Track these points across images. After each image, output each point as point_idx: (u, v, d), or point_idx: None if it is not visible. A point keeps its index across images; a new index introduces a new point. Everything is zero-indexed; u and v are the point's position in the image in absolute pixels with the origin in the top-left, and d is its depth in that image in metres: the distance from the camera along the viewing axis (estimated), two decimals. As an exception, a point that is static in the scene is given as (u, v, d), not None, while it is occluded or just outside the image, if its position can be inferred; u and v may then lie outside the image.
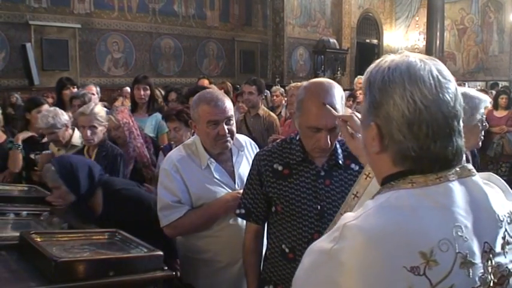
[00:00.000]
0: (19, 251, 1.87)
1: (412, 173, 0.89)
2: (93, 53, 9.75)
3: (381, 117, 0.90)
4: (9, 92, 7.79)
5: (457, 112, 0.89)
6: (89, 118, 3.04)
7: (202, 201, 2.09)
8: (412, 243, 0.82)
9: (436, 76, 0.88)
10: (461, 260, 0.83)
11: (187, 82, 10.03)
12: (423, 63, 0.89)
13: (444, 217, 0.85)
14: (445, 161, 0.88)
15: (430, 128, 0.86)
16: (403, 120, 0.87)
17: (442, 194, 0.87)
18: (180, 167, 2.09)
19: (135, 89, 4.22)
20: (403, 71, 0.88)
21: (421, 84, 0.86)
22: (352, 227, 0.85)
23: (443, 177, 0.88)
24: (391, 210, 0.86)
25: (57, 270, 1.60)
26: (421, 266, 0.81)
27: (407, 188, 0.88)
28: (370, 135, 0.92)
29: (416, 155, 0.87)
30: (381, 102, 0.90)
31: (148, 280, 1.80)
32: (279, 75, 12.82)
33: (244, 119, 4.42)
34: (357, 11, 15.78)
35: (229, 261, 2.13)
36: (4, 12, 8.48)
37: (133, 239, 2.02)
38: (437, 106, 0.86)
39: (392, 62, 0.91)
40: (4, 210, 2.46)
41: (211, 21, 11.92)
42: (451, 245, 0.83)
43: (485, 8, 15.64)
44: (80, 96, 4.08)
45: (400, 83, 0.87)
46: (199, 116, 2.06)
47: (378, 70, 0.92)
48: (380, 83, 0.90)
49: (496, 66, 15.49)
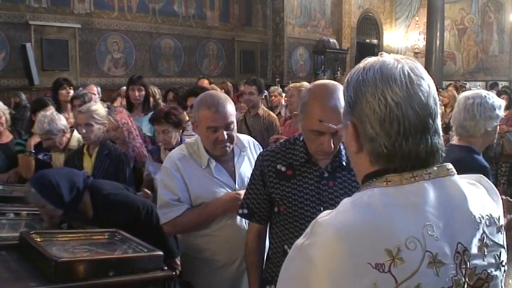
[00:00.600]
0: (19, 251, 1.87)
1: (387, 172, 0.89)
2: (93, 53, 9.75)
3: (356, 116, 0.91)
4: (9, 92, 7.79)
5: (431, 110, 0.88)
6: (85, 116, 3.02)
7: (201, 200, 2.09)
8: (378, 240, 0.81)
9: (407, 74, 0.88)
10: (429, 260, 0.83)
11: (187, 82, 10.03)
12: (397, 62, 0.90)
13: (414, 216, 0.84)
14: (417, 159, 0.88)
15: (401, 125, 0.86)
16: (374, 117, 0.88)
17: (415, 193, 0.86)
18: (180, 165, 2.09)
19: (129, 89, 4.22)
20: (376, 70, 0.90)
21: (391, 81, 0.87)
22: (322, 223, 0.86)
23: (418, 177, 0.88)
24: (362, 207, 0.86)
25: (57, 270, 1.60)
26: (386, 263, 0.80)
27: (382, 187, 0.88)
28: (349, 134, 0.93)
29: (388, 152, 0.88)
30: (355, 102, 0.91)
31: (148, 280, 1.80)
32: (279, 75, 12.83)
33: (244, 118, 4.42)
34: (357, 11, 15.78)
35: (227, 260, 2.14)
36: (4, 12, 8.48)
37: (133, 239, 2.02)
38: (409, 103, 0.86)
39: (368, 63, 0.93)
40: (4, 210, 2.46)
41: (211, 21, 11.92)
42: (419, 244, 0.82)
43: (485, 8, 15.64)
44: (80, 96, 4.07)
45: (372, 81, 0.89)
46: (199, 119, 2.06)
47: (355, 71, 0.94)
48: (355, 82, 0.92)
49: (496, 66, 15.49)
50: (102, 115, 3.10)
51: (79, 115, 3.08)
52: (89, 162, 3.02)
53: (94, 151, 3.04)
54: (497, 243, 0.92)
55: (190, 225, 2.12)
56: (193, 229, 2.14)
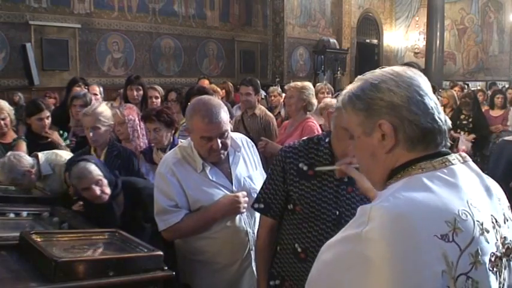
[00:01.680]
0: (19, 251, 1.86)
1: (419, 161, 0.99)
2: (93, 53, 9.74)
3: (386, 111, 1.00)
4: (9, 92, 7.78)
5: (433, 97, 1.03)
6: (92, 119, 2.95)
7: (199, 204, 2.08)
8: (437, 214, 0.89)
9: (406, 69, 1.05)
10: (479, 228, 0.92)
11: (187, 82, 10.03)
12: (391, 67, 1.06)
13: (457, 193, 0.94)
14: (441, 135, 1.01)
15: (427, 104, 1.00)
16: (409, 102, 0.99)
17: (450, 174, 0.97)
18: (176, 170, 2.07)
19: (128, 89, 4.22)
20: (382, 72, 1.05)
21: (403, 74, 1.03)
22: (379, 208, 0.91)
23: (447, 162, 0.99)
24: (410, 190, 0.93)
25: (57, 270, 1.60)
26: (449, 233, 0.89)
27: (418, 174, 0.97)
28: (377, 137, 1.01)
29: (431, 126, 0.99)
30: (379, 100, 1.01)
31: (148, 280, 1.80)
32: (279, 75, 12.82)
33: (241, 119, 4.41)
34: (357, 11, 15.77)
35: (227, 262, 2.13)
36: (4, 12, 8.47)
37: (133, 239, 2.02)
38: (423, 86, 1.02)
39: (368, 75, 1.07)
40: (4, 210, 2.46)
41: (211, 21, 11.92)
42: (469, 214, 0.92)
43: (485, 8, 15.63)
44: (82, 96, 4.00)
45: (388, 78, 1.02)
46: (192, 127, 2.04)
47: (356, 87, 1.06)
48: (370, 87, 1.03)
49: (496, 66, 15.48)
50: (108, 117, 3.04)
51: (85, 118, 3.00)
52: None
53: (102, 152, 2.98)
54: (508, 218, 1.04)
55: (190, 231, 2.10)
56: (193, 234, 2.12)
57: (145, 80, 4.59)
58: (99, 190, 2.36)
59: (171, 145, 3.03)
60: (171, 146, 3.02)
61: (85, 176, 2.35)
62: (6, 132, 3.57)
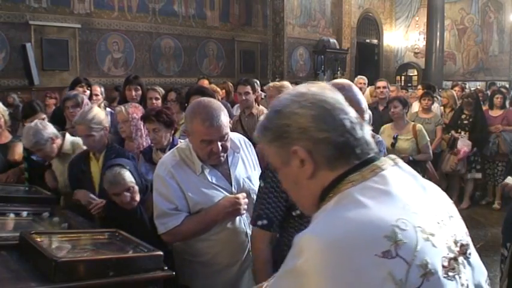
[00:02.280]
0: (19, 251, 1.86)
1: (346, 174, 0.94)
2: (93, 53, 9.74)
3: (297, 138, 0.95)
4: (9, 92, 7.77)
5: (343, 106, 0.98)
6: (84, 127, 2.89)
7: (199, 206, 2.06)
8: (374, 231, 0.83)
9: (309, 86, 1.01)
10: (422, 234, 0.86)
11: (187, 82, 10.02)
12: (292, 89, 1.03)
13: (392, 201, 0.88)
14: (368, 144, 0.97)
15: (337, 115, 0.95)
16: (315, 121, 0.94)
17: (382, 182, 0.92)
18: (175, 172, 2.04)
19: (126, 89, 4.22)
20: (285, 96, 1.00)
21: (304, 93, 0.98)
22: (308, 237, 0.86)
23: (377, 169, 0.94)
24: (342, 210, 0.88)
25: (57, 270, 1.60)
26: (391, 248, 0.82)
27: (349, 188, 0.92)
28: (296, 163, 0.96)
29: (346, 139, 0.94)
30: (286, 126, 0.96)
31: (148, 280, 1.80)
32: (279, 75, 12.81)
33: (239, 118, 4.42)
34: (357, 11, 15.77)
35: (227, 263, 2.12)
36: (4, 12, 8.47)
37: (133, 239, 2.02)
38: (329, 100, 0.97)
39: (270, 106, 1.04)
40: (4, 210, 2.46)
41: (211, 21, 11.91)
42: (408, 222, 0.85)
43: (485, 8, 15.63)
44: (72, 97, 3.94)
45: (290, 101, 0.97)
46: (192, 130, 2.02)
47: (264, 117, 1.02)
48: (274, 115, 0.99)
49: (496, 66, 15.48)
50: (100, 121, 2.96)
51: (78, 127, 2.96)
52: (97, 167, 2.94)
53: (101, 155, 2.96)
54: (456, 215, 1.00)
55: (191, 234, 2.09)
56: (194, 236, 2.11)
57: (145, 80, 4.60)
58: (129, 197, 2.39)
59: (171, 145, 3.02)
60: (171, 146, 3.01)
61: (118, 182, 2.38)
62: (1, 132, 3.57)
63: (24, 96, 7.97)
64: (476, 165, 6.37)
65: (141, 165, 3.13)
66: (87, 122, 2.89)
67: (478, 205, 6.56)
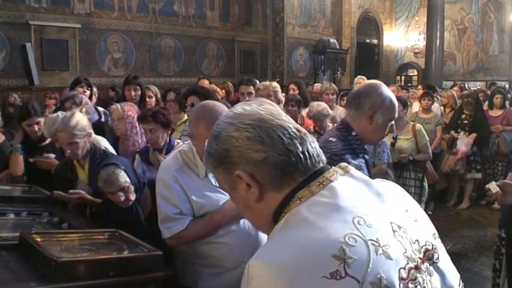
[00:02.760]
0: (19, 251, 1.86)
1: (295, 191, 0.90)
2: (93, 53, 9.74)
3: (237, 160, 0.93)
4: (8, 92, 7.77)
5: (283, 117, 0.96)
6: (66, 135, 2.71)
7: (204, 210, 2.04)
8: (322, 250, 0.79)
9: (244, 105, 0.98)
10: (374, 247, 0.82)
11: (187, 82, 10.03)
12: (231, 107, 1.01)
13: (340, 215, 0.85)
14: (306, 160, 0.92)
15: (274, 133, 0.91)
16: (251, 142, 0.91)
17: (330, 195, 0.88)
18: (178, 176, 2.01)
19: (125, 89, 4.21)
20: (222, 119, 0.98)
21: (239, 114, 0.95)
22: (255, 263, 0.83)
23: (325, 181, 0.91)
24: (288, 231, 0.85)
25: (57, 270, 1.60)
26: (339, 268, 0.78)
27: (297, 205, 0.89)
28: (243, 187, 0.94)
29: (286, 157, 0.90)
30: (226, 150, 0.94)
31: (148, 280, 1.80)
32: (279, 75, 12.82)
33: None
34: (357, 11, 15.77)
35: (232, 265, 2.09)
36: (4, 12, 8.47)
37: (133, 239, 2.02)
38: (261, 120, 0.93)
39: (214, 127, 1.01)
40: (4, 210, 2.46)
41: (211, 21, 11.91)
42: (358, 236, 0.81)
43: (485, 8, 15.63)
44: (70, 97, 3.86)
45: (226, 124, 0.95)
46: (197, 134, 1.97)
47: (206, 145, 1.00)
48: (213, 141, 0.97)
49: (496, 66, 15.49)
50: (83, 127, 2.77)
51: (59, 134, 2.77)
52: (83, 174, 2.81)
53: (85, 161, 2.82)
54: (420, 216, 0.97)
55: (196, 237, 2.06)
56: (199, 240, 2.08)
57: (145, 80, 4.59)
58: (123, 197, 2.38)
59: (168, 146, 3.01)
60: (168, 146, 3.01)
61: (111, 182, 2.36)
62: None
63: (24, 96, 7.97)
64: (476, 165, 6.36)
65: (138, 165, 3.10)
66: (70, 129, 2.72)
67: (478, 205, 6.55)
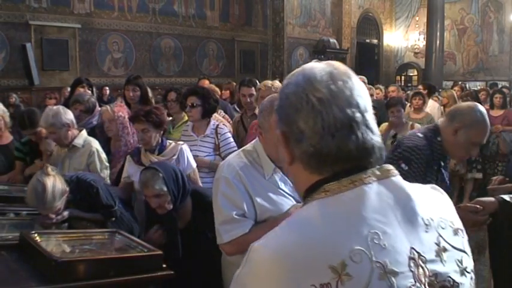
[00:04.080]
0: (19, 251, 1.86)
1: (326, 181, 0.83)
2: (93, 53, 9.74)
3: (283, 121, 0.87)
4: (8, 92, 7.78)
5: (359, 105, 0.84)
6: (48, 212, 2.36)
7: (268, 214, 1.87)
8: (320, 258, 0.74)
9: (329, 71, 0.87)
10: (379, 271, 0.75)
11: (187, 82, 10.02)
12: (317, 64, 0.90)
13: (356, 225, 0.77)
14: (350, 158, 0.83)
15: (325, 121, 0.82)
16: (298, 116, 0.84)
17: (355, 199, 0.80)
18: (243, 175, 1.85)
19: (125, 90, 4.21)
20: (299, 73, 0.89)
21: (313, 80, 0.85)
22: (256, 248, 0.80)
23: (358, 181, 0.82)
24: (298, 223, 0.80)
25: (57, 270, 1.61)
26: (332, 281, 0.72)
27: (321, 198, 0.82)
28: (282, 146, 0.89)
29: (316, 150, 0.83)
30: (281, 107, 0.88)
31: (148, 280, 1.80)
32: (279, 75, 12.81)
33: (241, 119, 4.38)
34: (357, 11, 15.78)
35: None
36: (4, 12, 8.47)
37: (133, 239, 2.03)
38: (332, 99, 0.83)
39: (295, 71, 0.92)
40: (4, 210, 2.46)
41: (211, 21, 11.92)
42: (366, 255, 0.75)
43: (485, 8, 15.64)
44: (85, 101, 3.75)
45: (295, 83, 0.87)
46: (270, 126, 1.80)
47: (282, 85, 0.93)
48: (281, 90, 0.90)
49: (496, 66, 15.50)
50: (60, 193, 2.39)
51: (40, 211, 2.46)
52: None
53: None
54: (456, 248, 0.85)
55: None
56: None
57: (145, 80, 4.58)
58: (157, 203, 2.30)
59: (160, 146, 2.98)
60: (160, 147, 2.98)
61: (147, 186, 2.31)
62: (1, 134, 3.55)
63: (24, 96, 7.97)
64: (476, 165, 6.36)
65: (129, 166, 3.06)
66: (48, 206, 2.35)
67: (478, 205, 6.54)
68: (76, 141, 3.16)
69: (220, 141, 3.40)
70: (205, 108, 3.39)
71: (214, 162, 3.31)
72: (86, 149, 3.14)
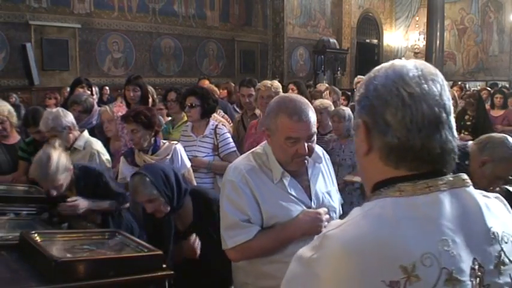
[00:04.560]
0: (19, 251, 1.87)
1: (401, 180, 0.85)
2: (93, 53, 9.75)
3: (367, 111, 0.88)
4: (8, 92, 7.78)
5: (445, 105, 0.85)
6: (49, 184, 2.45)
7: (275, 220, 1.80)
8: (393, 256, 0.77)
9: (420, 69, 0.87)
10: (446, 277, 0.78)
11: (187, 82, 10.03)
12: (407, 61, 0.91)
13: (430, 230, 0.80)
14: (430, 157, 0.84)
15: (414, 115, 0.83)
16: (386, 108, 0.85)
17: (430, 204, 0.82)
18: (250, 179, 1.79)
19: (126, 90, 4.21)
20: (388, 67, 0.89)
21: (404, 75, 0.86)
22: (332, 236, 0.82)
23: (433, 187, 0.83)
24: (374, 219, 0.82)
25: (57, 270, 1.61)
26: (401, 280, 0.76)
27: (395, 197, 0.84)
28: (359, 136, 0.90)
29: (401, 143, 0.84)
30: (365, 97, 0.89)
31: (148, 280, 1.80)
32: (279, 75, 12.82)
33: (241, 119, 4.37)
34: (357, 11, 15.78)
35: None
36: (4, 12, 8.48)
37: (133, 239, 2.03)
38: (422, 95, 0.84)
39: (380, 66, 0.93)
40: (4, 210, 2.46)
41: (211, 21, 11.92)
42: (436, 260, 0.78)
43: (485, 8, 15.64)
44: (82, 101, 3.75)
45: (384, 75, 0.87)
46: (276, 128, 1.76)
47: (368, 73, 0.93)
48: (367, 80, 0.91)
49: (496, 66, 15.49)
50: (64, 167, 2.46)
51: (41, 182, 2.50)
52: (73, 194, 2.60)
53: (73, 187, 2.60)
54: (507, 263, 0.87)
55: (263, 251, 1.81)
56: (264, 255, 1.83)
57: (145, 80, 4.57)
58: (152, 208, 2.25)
59: (154, 146, 2.98)
60: (154, 147, 2.98)
61: (137, 192, 2.26)
62: (7, 135, 3.55)
63: (24, 96, 7.98)
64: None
65: (123, 167, 3.04)
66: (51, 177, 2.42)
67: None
68: (77, 143, 3.13)
69: (219, 142, 3.39)
70: (204, 109, 3.38)
71: (212, 163, 3.32)
72: (86, 151, 3.10)
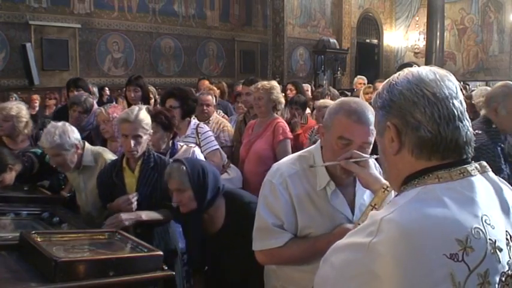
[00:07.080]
0: (19, 251, 1.87)
1: (436, 169, 0.96)
2: (93, 53, 9.74)
3: (395, 114, 0.99)
4: (8, 92, 7.78)
5: (461, 99, 0.99)
6: (133, 126, 2.53)
7: (310, 230, 1.73)
8: (449, 232, 0.88)
9: (434, 72, 1.00)
10: (491, 247, 0.90)
11: (187, 82, 10.03)
12: (420, 68, 1.04)
13: (472, 208, 0.92)
14: (457, 148, 0.96)
15: (440, 111, 0.95)
16: (415, 107, 0.96)
17: (467, 187, 0.94)
18: (291, 184, 1.72)
19: (127, 90, 4.21)
20: (406, 74, 1.02)
21: (423, 78, 0.99)
22: (389, 220, 0.90)
23: (465, 173, 0.96)
24: (423, 203, 0.92)
25: (57, 270, 1.61)
26: (459, 252, 0.87)
27: (435, 183, 0.95)
28: (388, 137, 1.01)
29: (433, 136, 0.95)
30: (391, 101, 1.00)
31: (148, 280, 1.80)
32: (279, 75, 12.82)
33: (243, 119, 4.37)
34: (357, 11, 15.78)
35: None
36: (4, 12, 8.47)
37: (133, 239, 2.03)
38: (443, 93, 0.97)
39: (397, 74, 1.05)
40: (4, 210, 2.46)
41: (211, 21, 11.92)
42: (482, 232, 0.90)
43: (485, 8, 15.63)
44: (82, 102, 3.68)
45: (406, 81, 1.00)
46: (332, 124, 1.68)
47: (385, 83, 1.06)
48: (388, 87, 1.03)
49: (496, 66, 15.49)
50: (149, 124, 2.65)
51: (124, 124, 2.57)
52: (132, 178, 2.61)
53: (137, 164, 2.61)
54: None
55: (291, 260, 1.75)
56: (293, 263, 1.77)
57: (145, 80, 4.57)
58: (178, 199, 2.18)
59: (171, 149, 2.97)
60: (171, 150, 2.97)
61: (170, 178, 2.20)
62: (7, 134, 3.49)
63: (24, 96, 7.97)
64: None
65: None
66: (139, 121, 2.56)
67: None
68: (85, 160, 2.79)
69: (201, 141, 3.40)
70: (184, 109, 3.41)
71: None
72: (99, 165, 2.79)
